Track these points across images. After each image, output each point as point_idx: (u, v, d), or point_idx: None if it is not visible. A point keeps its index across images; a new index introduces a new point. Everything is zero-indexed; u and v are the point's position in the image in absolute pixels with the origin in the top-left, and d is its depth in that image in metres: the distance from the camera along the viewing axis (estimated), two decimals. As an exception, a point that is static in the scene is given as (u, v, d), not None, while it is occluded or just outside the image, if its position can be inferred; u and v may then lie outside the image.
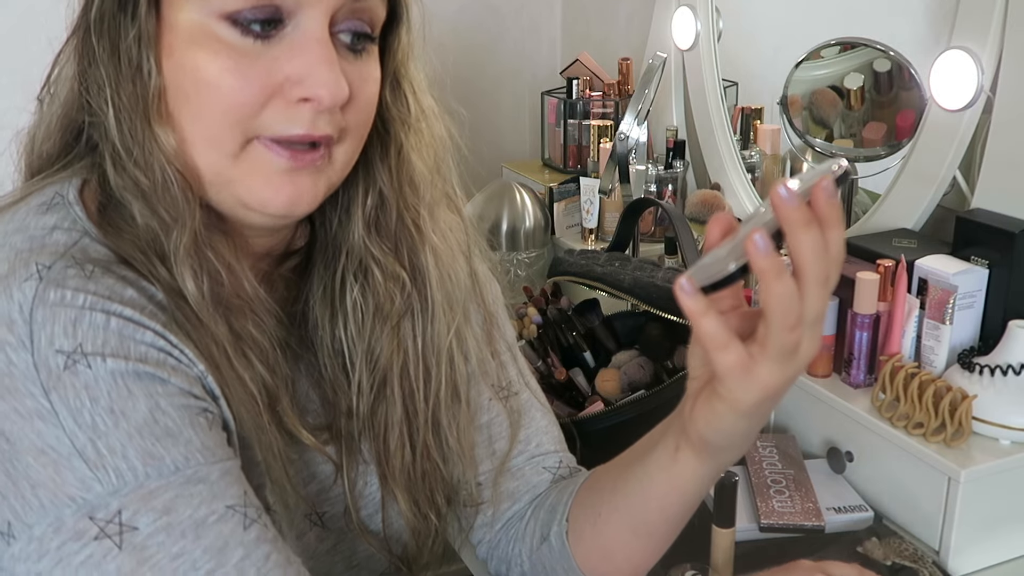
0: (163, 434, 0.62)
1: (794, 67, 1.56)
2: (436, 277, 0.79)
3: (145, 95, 0.65)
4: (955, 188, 1.27)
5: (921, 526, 1.01)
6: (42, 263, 0.63)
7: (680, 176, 1.78)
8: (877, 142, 1.48)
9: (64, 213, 0.66)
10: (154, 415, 0.62)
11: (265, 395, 0.69)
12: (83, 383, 0.60)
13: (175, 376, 0.63)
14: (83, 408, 0.60)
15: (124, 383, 0.61)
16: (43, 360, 0.60)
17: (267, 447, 0.69)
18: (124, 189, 0.66)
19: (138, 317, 0.63)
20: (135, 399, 0.61)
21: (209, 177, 0.67)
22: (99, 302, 0.62)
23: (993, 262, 1.10)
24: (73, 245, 0.65)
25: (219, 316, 0.67)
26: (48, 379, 0.60)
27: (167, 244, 0.66)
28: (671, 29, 1.80)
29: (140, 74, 0.65)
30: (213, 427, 0.65)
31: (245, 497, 0.65)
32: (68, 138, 0.71)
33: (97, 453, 0.60)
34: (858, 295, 1.08)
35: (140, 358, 0.62)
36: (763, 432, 1.21)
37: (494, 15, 2.25)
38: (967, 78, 1.19)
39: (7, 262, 0.63)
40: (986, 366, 1.02)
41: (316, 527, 0.76)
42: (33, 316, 0.60)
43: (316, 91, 0.64)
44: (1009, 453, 0.99)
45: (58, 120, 0.71)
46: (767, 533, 0.99)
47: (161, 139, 0.65)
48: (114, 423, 0.60)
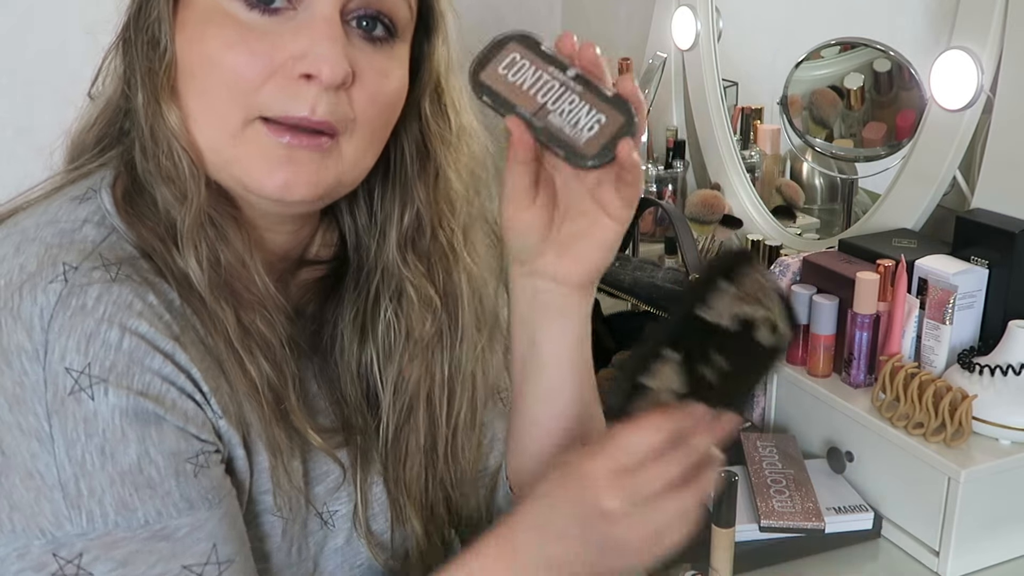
0: (144, 484, 0.62)
1: (794, 67, 1.56)
2: (468, 299, 0.78)
3: (158, 69, 0.66)
4: (955, 188, 1.28)
5: (921, 526, 1.01)
6: (69, 263, 0.63)
7: (680, 176, 1.78)
8: (877, 142, 1.48)
9: (95, 207, 0.67)
10: (141, 463, 0.62)
11: (269, 392, 0.69)
12: (83, 415, 0.60)
13: (172, 413, 0.63)
14: (77, 441, 0.60)
15: (121, 423, 0.61)
16: (52, 377, 0.60)
17: (272, 445, 0.69)
18: (148, 173, 0.67)
19: (152, 334, 0.63)
20: (127, 443, 0.61)
21: (210, 156, 0.66)
22: (117, 314, 0.62)
23: (993, 262, 1.10)
24: (102, 242, 0.65)
25: (227, 306, 0.67)
26: (53, 401, 0.60)
27: (177, 225, 0.66)
28: (671, 29, 1.80)
29: (156, 49, 0.66)
30: (200, 473, 0.65)
31: (210, 554, 0.65)
32: (107, 127, 0.72)
33: (78, 491, 0.60)
34: (858, 295, 1.08)
35: (142, 390, 0.62)
36: (763, 432, 1.21)
37: (494, 15, 2.25)
38: (967, 78, 1.19)
39: (36, 258, 0.63)
40: (986, 366, 1.02)
41: (327, 526, 0.76)
42: (52, 325, 0.60)
43: (317, 65, 0.63)
44: (1009, 453, 0.99)
45: (100, 111, 0.72)
46: (767, 533, 0.99)
47: (167, 115, 0.65)
48: (101, 464, 0.60)
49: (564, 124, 0.64)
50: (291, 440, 0.70)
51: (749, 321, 0.62)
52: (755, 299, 0.62)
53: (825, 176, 1.62)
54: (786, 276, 1.19)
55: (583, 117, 0.64)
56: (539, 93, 0.65)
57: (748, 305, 0.62)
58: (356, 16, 0.66)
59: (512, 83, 0.65)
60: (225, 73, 0.64)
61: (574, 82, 0.65)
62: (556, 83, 0.65)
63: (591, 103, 0.64)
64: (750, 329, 0.62)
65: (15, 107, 1.85)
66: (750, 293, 0.62)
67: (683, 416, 0.61)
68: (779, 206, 1.65)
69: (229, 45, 0.64)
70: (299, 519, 0.72)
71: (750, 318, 0.62)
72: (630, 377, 0.61)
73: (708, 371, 0.61)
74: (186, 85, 0.66)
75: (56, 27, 1.88)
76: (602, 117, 0.64)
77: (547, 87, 0.65)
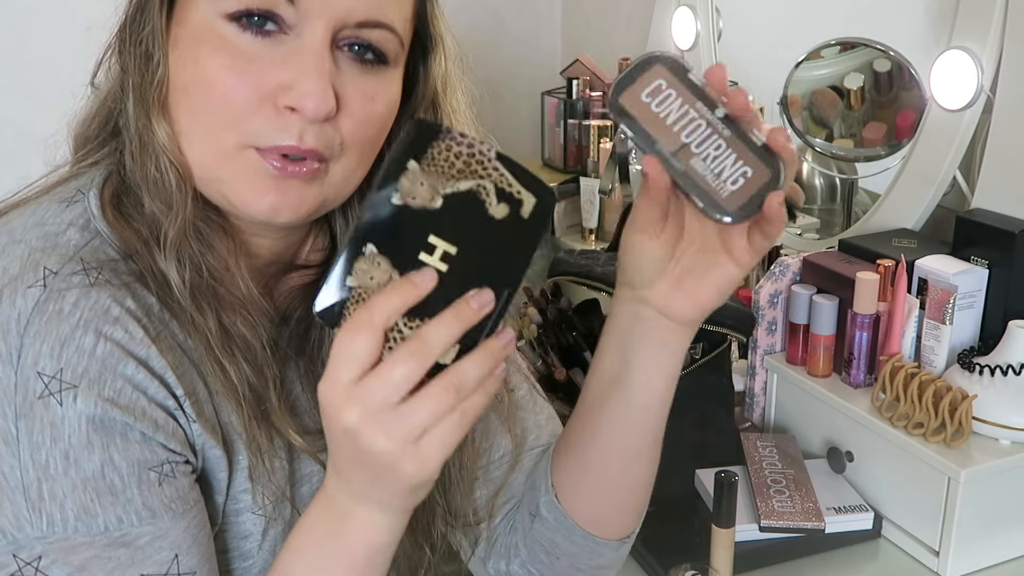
0: (106, 490, 0.62)
1: (794, 67, 1.56)
2: None
3: (150, 84, 0.66)
4: (955, 188, 1.28)
5: (921, 526, 1.01)
6: (50, 267, 0.63)
7: (680, 176, 1.78)
8: (877, 142, 1.48)
9: (82, 209, 0.68)
10: (104, 469, 0.62)
11: (250, 392, 0.69)
12: (50, 419, 0.61)
13: (141, 421, 0.63)
14: (42, 446, 0.61)
15: (87, 430, 0.61)
16: (23, 380, 0.60)
17: (252, 445, 0.69)
18: (136, 176, 0.68)
19: (126, 341, 0.63)
20: (91, 450, 0.62)
21: (199, 171, 0.67)
22: (93, 320, 0.62)
23: (993, 262, 1.10)
24: (84, 246, 0.65)
25: (208, 309, 0.67)
26: (23, 404, 0.60)
27: (162, 232, 0.67)
28: (671, 29, 1.80)
29: (150, 63, 0.66)
30: (165, 483, 0.65)
31: (171, 564, 0.65)
32: (106, 121, 0.72)
33: (39, 495, 0.61)
34: (858, 295, 1.08)
35: (112, 398, 0.62)
36: (763, 432, 1.21)
37: (494, 15, 2.25)
38: (967, 78, 1.19)
39: (19, 261, 0.64)
40: (986, 366, 1.02)
41: None
42: (27, 329, 0.61)
43: (301, 101, 0.63)
44: (1009, 453, 0.99)
45: (100, 103, 0.73)
46: (767, 533, 0.99)
47: (157, 129, 0.66)
48: (64, 469, 0.61)
49: (707, 172, 0.59)
50: (272, 441, 0.71)
51: (461, 194, 0.56)
52: (459, 171, 0.56)
53: (825, 176, 1.62)
54: (786, 276, 1.19)
55: (728, 167, 0.59)
56: (684, 131, 0.59)
57: (450, 179, 0.56)
58: (347, 44, 0.66)
59: (655, 114, 0.60)
60: (216, 96, 0.64)
61: (722, 124, 0.59)
62: (703, 122, 0.59)
63: (739, 152, 0.59)
64: (468, 203, 0.56)
65: (15, 107, 1.85)
66: (448, 165, 0.56)
67: (388, 299, 0.56)
68: (779, 206, 1.65)
69: (221, 68, 0.64)
70: (282, 518, 0.73)
71: (459, 191, 0.56)
72: (339, 284, 0.56)
73: (428, 257, 0.56)
74: (177, 101, 0.66)
75: (56, 27, 1.89)
76: (748, 170, 0.59)
77: (692, 125, 0.59)
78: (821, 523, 0.99)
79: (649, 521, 1.04)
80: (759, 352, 1.21)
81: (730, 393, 1.16)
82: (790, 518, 0.99)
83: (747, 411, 1.24)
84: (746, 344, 1.22)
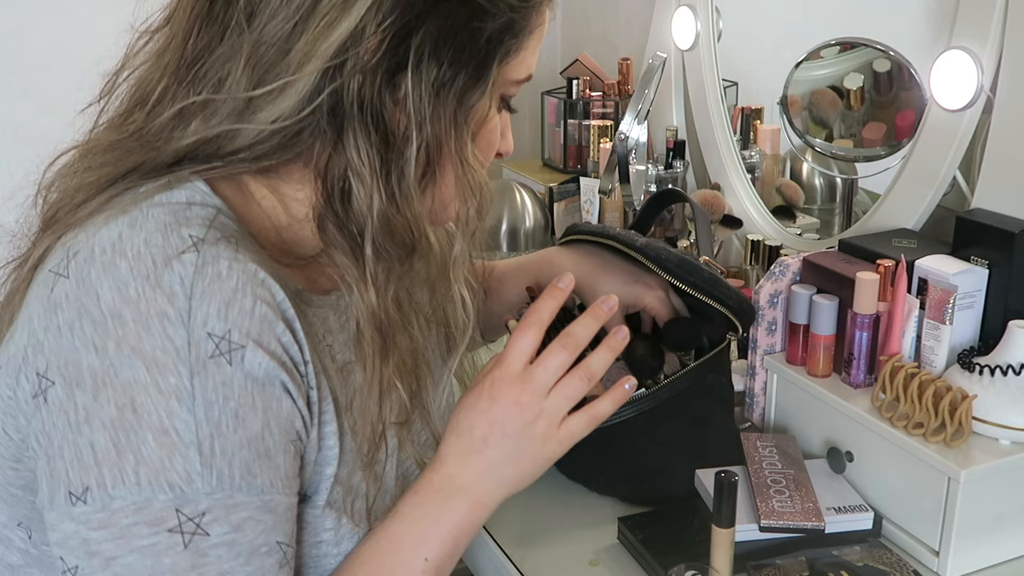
0: (263, 453, 0.66)
1: (794, 67, 1.56)
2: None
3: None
4: (955, 188, 1.28)
5: (921, 526, 1.01)
6: (194, 234, 0.66)
7: (680, 176, 1.78)
8: (877, 142, 1.48)
9: (192, 190, 0.71)
10: (263, 433, 0.66)
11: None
12: (222, 378, 0.64)
13: (292, 382, 0.69)
14: (215, 403, 0.64)
15: (252, 391, 0.65)
16: (196, 341, 0.64)
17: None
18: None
19: (275, 304, 0.68)
20: (255, 412, 0.66)
21: None
22: (247, 282, 0.66)
23: (993, 262, 1.10)
24: (214, 217, 0.69)
25: None
26: (196, 363, 0.63)
27: None
28: (671, 29, 1.80)
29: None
30: (296, 457, 0.70)
31: (291, 536, 0.70)
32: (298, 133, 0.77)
33: (211, 451, 0.64)
34: (858, 295, 1.08)
35: (273, 356, 0.67)
36: (763, 432, 1.21)
37: (494, 15, 2.25)
38: (967, 78, 1.19)
39: (159, 232, 0.66)
40: (986, 366, 1.02)
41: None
42: (193, 291, 0.64)
43: None
44: (1009, 453, 0.99)
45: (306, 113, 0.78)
46: (767, 533, 0.99)
47: None
48: (234, 428, 0.65)
49: None
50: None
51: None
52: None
53: (825, 176, 1.62)
54: (786, 276, 1.19)
55: None
56: None
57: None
58: None
59: None
60: None
61: None
62: None
63: None
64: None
65: (15, 107, 1.85)
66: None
67: (546, 303, 0.81)
68: (779, 206, 1.66)
69: None
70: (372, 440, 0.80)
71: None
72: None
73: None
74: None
75: (56, 27, 1.88)
76: None
77: None
78: (821, 523, 0.99)
79: (649, 521, 1.05)
80: (759, 352, 1.21)
81: (730, 393, 1.16)
82: (790, 518, 0.99)
83: (747, 411, 1.24)
84: (744, 340, 1.22)
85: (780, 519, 0.99)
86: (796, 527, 0.99)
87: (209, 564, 0.64)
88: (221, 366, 0.64)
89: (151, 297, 0.64)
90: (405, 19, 0.70)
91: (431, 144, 0.74)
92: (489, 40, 0.74)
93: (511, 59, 0.77)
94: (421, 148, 0.73)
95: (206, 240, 0.66)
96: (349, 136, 0.71)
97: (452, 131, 0.74)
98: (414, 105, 0.71)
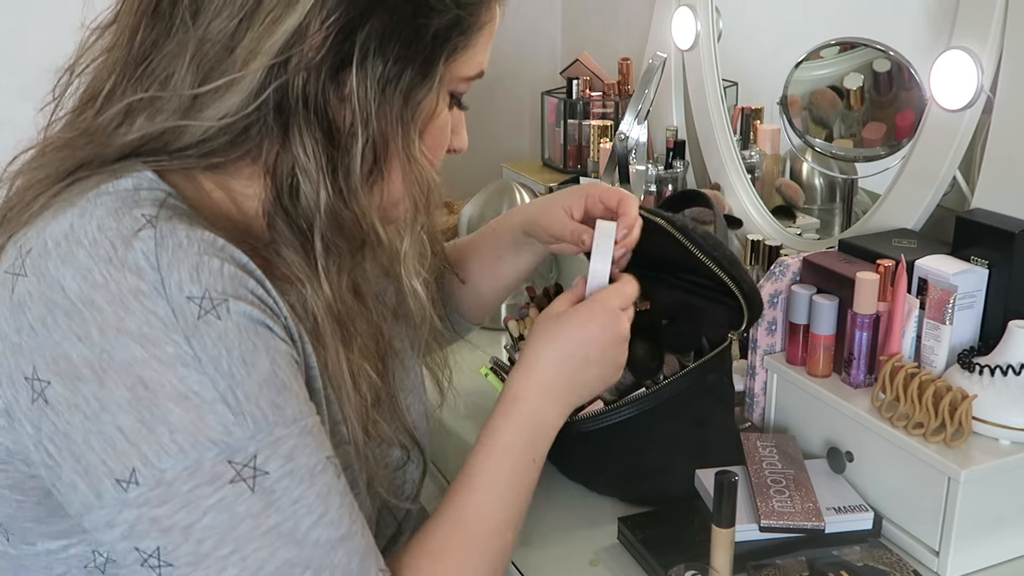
0: (282, 386, 0.68)
1: (794, 67, 1.56)
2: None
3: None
4: (955, 188, 1.27)
5: (921, 526, 1.01)
6: (146, 213, 0.67)
7: (680, 176, 1.78)
8: (877, 142, 1.48)
9: (139, 178, 0.71)
10: (274, 368, 0.68)
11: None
12: (217, 333, 0.65)
13: (277, 325, 0.70)
14: (221, 357, 0.65)
15: (248, 335, 0.67)
16: (179, 307, 0.64)
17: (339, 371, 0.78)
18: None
19: (241, 263, 0.68)
20: (259, 352, 0.67)
21: None
22: (208, 248, 0.67)
23: (993, 262, 1.10)
24: (164, 200, 0.69)
25: None
26: (187, 327, 0.64)
27: None
28: (671, 29, 1.80)
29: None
30: (304, 382, 0.73)
31: (331, 449, 0.72)
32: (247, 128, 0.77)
33: (236, 400, 0.65)
34: (858, 295, 1.08)
35: (254, 304, 0.68)
36: (763, 432, 1.21)
37: (494, 15, 2.25)
38: (967, 78, 1.19)
39: (111, 216, 0.67)
40: (986, 366, 1.01)
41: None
42: (159, 262, 0.65)
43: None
44: (1009, 453, 0.99)
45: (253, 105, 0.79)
46: (767, 533, 0.99)
47: None
48: (247, 372, 0.66)
49: None
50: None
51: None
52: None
53: (825, 176, 1.62)
54: (786, 276, 1.19)
55: None
56: None
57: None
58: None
59: None
60: None
61: None
62: None
63: None
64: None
65: (15, 107, 1.85)
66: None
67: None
68: (779, 206, 1.65)
69: None
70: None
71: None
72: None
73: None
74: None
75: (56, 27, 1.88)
76: None
77: None
78: (821, 523, 0.99)
79: (649, 521, 1.05)
80: (759, 352, 1.21)
81: (730, 393, 1.16)
82: (790, 518, 0.99)
83: (747, 411, 1.24)
84: (745, 339, 1.22)
85: (780, 519, 0.99)
86: (796, 527, 0.99)
87: (280, 498, 0.66)
88: (211, 323, 0.65)
89: (119, 278, 0.64)
90: (350, 15, 0.70)
91: (377, 141, 0.74)
92: (435, 36, 0.74)
93: (459, 56, 0.77)
94: (367, 145, 0.74)
95: (159, 217, 0.67)
96: (295, 133, 0.72)
97: (399, 128, 0.75)
98: (359, 102, 0.72)
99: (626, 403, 1.05)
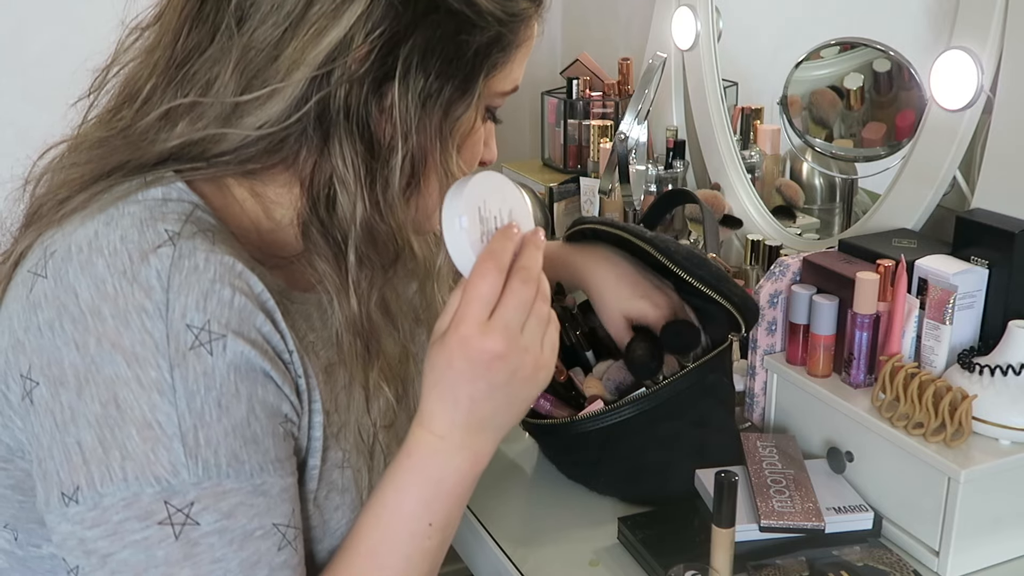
0: (250, 439, 0.66)
1: (794, 67, 1.56)
2: None
3: None
4: (955, 188, 1.28)
5: (921, 526, 1.01)
6: (170, 229, 0.67)
7: (680, 176, 1.78)
8: (877, 142, 1.48)
9: (169, 188, 0.71)
10: (248, 419, 0.66)
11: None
12: (203, 368, 0.64)
13: (275, 370, 0.68)
14: (197, 394, 0.64)
15: (234, 379, 0.65)
16: (175, 333, 0.64)
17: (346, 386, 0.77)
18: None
19: (253, 294, 0.68)
20: (239, 399, 0.66)
21: None
22: (225, 274, 0.66)
23: (993, 262, 1.10)
24: (191, 213, 0.69)
25: None
26: (176, 355, 0.64)
27: None
28: (671, 29, 1.80)
29: None
30: (287, 439, 0.70)
31: (291, 517, 0.69)
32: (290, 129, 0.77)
33: (196, 441, 0.64)
34: (858, 295, 1.08)
35: (254, 345, 0.67)
36: (763, 432, 1.21)
37: (494, 15, 2.25)
38: (967, 78, 1.19)
39: (135, 228, 0.67)
40: (986, 366, 1.02)
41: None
42: (171, 283, 0.64)
43: None
44: (1009, 453, 0.99)
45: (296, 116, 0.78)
46: (767, 533, 0.99)
47: None
48: (217, 416, 0.65)
49: None
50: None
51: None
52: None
53: (825, 176, 1.62)
54: (786, 276, 1.19)
55: None
56: None
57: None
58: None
59: None
60: None
61: None
62: None
63: None
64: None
65: (15, 107, 1.85)
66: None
67: (498, 246, 0.71)
68: (779, 206, 1.66)
69: None
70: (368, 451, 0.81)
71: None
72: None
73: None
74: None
75: (56, 27, 1.88)
76: None
77: None
78: (821, 523, 0.99)
79: (649, 521, 1.05)
80: (759, 352, 1.21)
81: (730, 393, 1.16)
82: (790, 518, 0.99)
83: (747, 411, 1.24)
84: (745, 340, 1.22)
85: (780, 519, 0.99)
86: (796, 527, 0.99)
87: (202, 553, 0.65)
88: (201, 356, 0.64)
89: (128, 292, 0.64)
90: (394, 30, 0.70)
91: (416, 154, 0.74)
92: (476, 53, 0.74)
93: (498, 72, 0.77)
94: (406, 158, 0.73)
95: (182, 234, 0.66)
96: (335, 144, 0.71)
97: (437, 142, 0.74)
98: (400, 115, 0.72)
99: (626, 403, 1.05)
